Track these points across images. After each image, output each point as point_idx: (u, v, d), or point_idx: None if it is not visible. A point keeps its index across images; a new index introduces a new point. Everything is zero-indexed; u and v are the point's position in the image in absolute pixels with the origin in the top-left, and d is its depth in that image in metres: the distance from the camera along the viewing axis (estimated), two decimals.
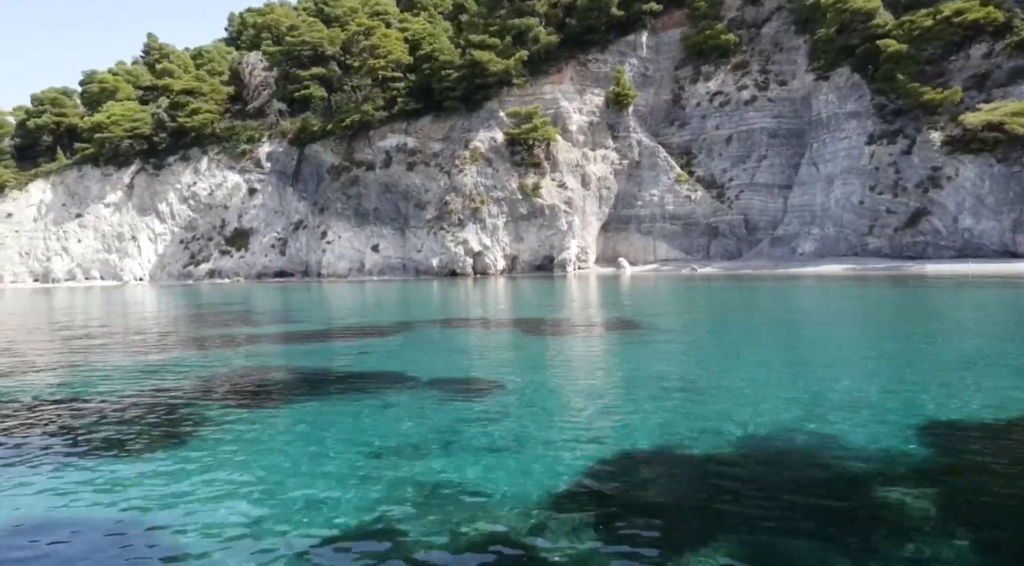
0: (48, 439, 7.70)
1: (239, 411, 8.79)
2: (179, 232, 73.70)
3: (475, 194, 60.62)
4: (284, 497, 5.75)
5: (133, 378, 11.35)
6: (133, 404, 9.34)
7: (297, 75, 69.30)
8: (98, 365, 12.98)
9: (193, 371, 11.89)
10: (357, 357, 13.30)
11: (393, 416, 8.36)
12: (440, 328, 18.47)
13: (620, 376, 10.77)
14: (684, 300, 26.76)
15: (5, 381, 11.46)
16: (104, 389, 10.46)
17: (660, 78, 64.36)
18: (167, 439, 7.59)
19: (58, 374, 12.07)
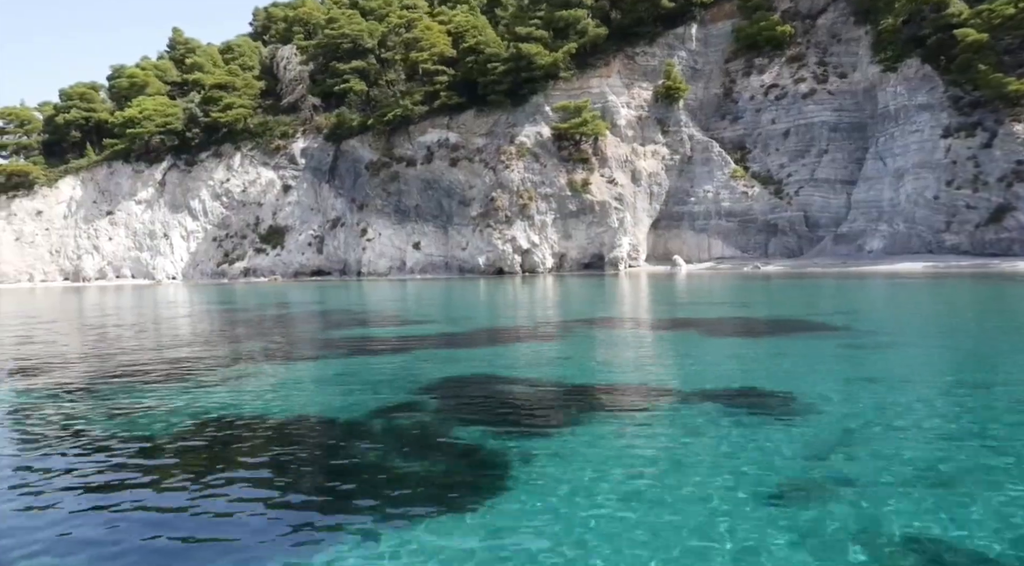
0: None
1: (545, 438, 7.19)
2: (212, 230, 72.15)
3: (522, 190, 59.00)
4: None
5: (383, 400, 9.76)
6: (423, 446, 7.76)
7: (337, 68, 67.62)
8: (294, 388, 11.41)
9: (435, 396, 10.30)
10: (591, 365, 11.68)
11: (739, 442, 6.76)
12: (610, 329, 16.84)
13: (936, 386, 9.18)
14: (813, 298, 25.14)
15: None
16: (356, 414, 8.89)
17: (709, 71, 62.71)
18: (482, 488, 5.80)
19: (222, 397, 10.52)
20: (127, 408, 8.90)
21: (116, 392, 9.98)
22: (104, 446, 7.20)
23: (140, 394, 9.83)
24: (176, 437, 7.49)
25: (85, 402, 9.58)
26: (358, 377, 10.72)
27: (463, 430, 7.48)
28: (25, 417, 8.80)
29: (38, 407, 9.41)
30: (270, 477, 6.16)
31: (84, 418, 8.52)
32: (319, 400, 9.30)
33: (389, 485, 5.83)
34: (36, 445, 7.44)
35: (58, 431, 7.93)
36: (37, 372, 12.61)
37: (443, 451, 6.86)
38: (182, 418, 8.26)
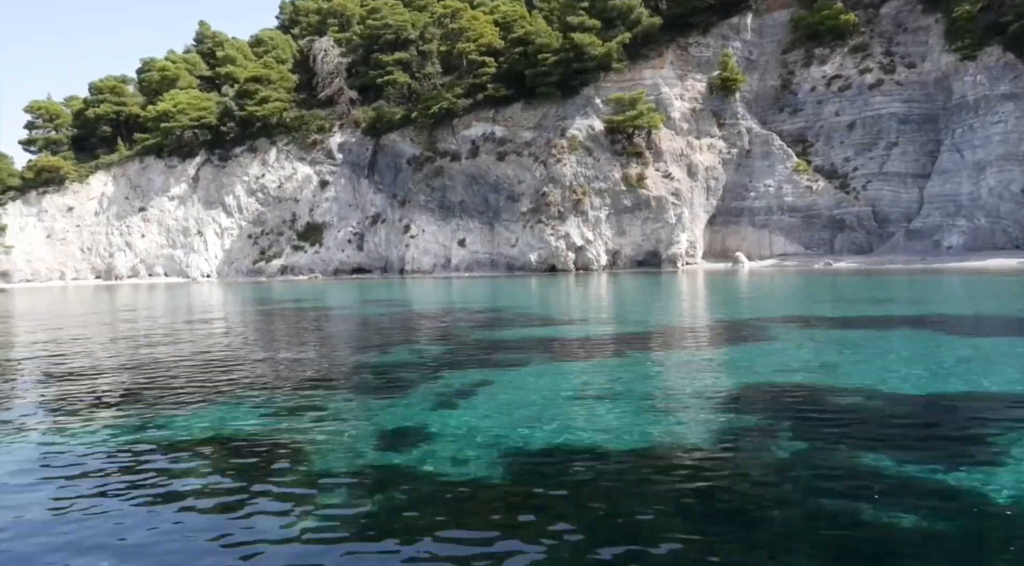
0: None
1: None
2: (247, 226, 70.34)
3: (575, 185, 57.16)
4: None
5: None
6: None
7: (380, 60, 65.77)
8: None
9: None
10: (897, 369, 9.78)
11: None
12: (811, 327, 14.91)
13: None
14: (950, 294, 23.22)
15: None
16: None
17: (765, 63, 60.80)
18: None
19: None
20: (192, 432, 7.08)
21: (170, 411, 8.16)
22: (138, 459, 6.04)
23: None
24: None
25: (119, 412, 7.85)
26: (638, 393, 8.83)
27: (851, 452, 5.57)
28: (54, 425, 7.61)
29: (68, 413, 8.17)
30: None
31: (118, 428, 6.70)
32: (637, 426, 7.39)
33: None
34: (65, 453, 6.43)
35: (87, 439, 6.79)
36: (66, 377, 10.94)
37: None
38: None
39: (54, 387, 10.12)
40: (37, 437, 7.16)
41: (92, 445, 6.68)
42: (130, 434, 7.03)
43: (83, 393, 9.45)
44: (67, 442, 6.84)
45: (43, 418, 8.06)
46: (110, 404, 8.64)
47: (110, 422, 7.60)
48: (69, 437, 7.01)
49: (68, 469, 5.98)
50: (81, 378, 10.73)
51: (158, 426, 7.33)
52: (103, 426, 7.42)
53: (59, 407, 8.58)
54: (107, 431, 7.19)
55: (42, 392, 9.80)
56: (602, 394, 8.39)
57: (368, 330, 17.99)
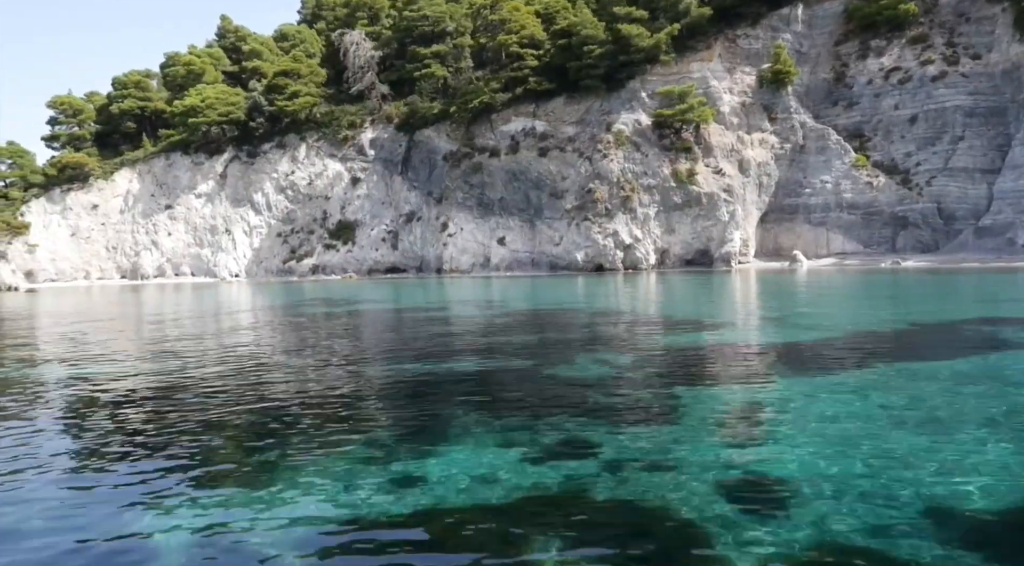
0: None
1: None
2: (276, 225, 68.38)
3: (623, 181, 55.17)
4: None
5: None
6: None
7: (417, 53, 63.78)
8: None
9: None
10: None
11: None
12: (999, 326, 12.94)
13: None
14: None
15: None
16: None
17: (816, 55, 58.83)
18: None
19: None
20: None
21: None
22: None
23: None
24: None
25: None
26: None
27: None
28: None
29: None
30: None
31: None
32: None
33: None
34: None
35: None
36: (92, 384, 9.51)
37: None
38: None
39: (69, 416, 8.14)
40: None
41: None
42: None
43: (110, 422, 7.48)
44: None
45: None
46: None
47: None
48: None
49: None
50: (101, 406, 8.76)
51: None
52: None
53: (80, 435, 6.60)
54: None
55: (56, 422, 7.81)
56: (925, 419, 6.49)
57: (536, 334, 15.98)
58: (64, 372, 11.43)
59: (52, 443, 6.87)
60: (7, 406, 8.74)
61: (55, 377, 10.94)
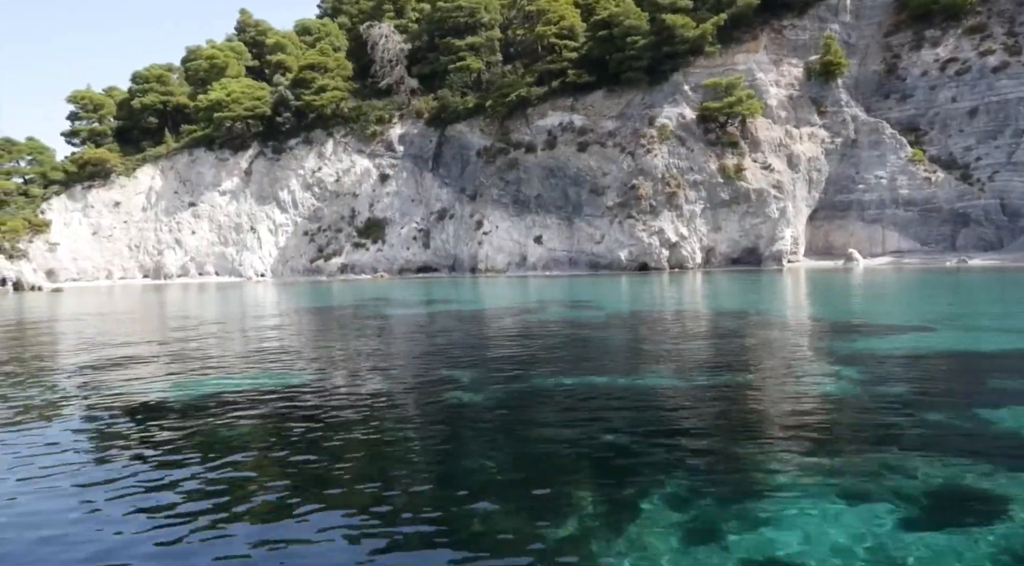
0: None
1: None
2: (302, 223, 66.51)
3: (668, 177, 53.21)
4: None
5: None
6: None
7: (452, 45, 61.80)
8: None
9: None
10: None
11: None
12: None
13: None
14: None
15: None
16: None
17: (865, 46, 56.83)
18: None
19: None
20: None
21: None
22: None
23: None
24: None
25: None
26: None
27: None
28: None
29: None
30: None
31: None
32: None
33: None
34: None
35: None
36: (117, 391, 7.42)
37: None
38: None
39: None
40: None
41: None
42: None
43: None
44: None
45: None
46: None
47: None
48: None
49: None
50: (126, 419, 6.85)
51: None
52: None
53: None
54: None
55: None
56: None
57: (710, 341, 14.03)
58: (143, 389, 9.54)
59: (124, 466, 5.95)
60: (82, 428, 6.85)
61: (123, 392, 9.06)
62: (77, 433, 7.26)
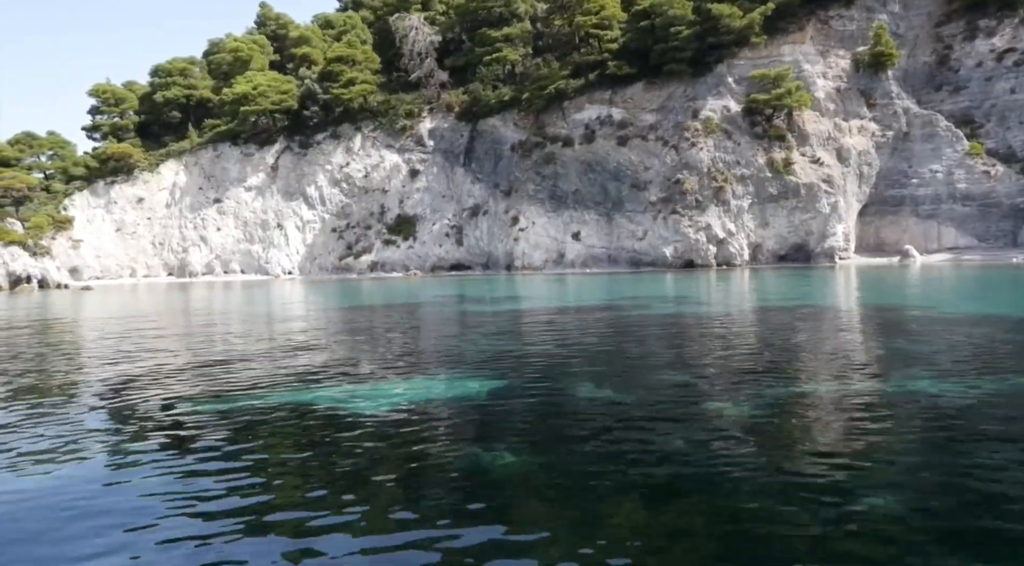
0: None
1: None
2: (330, 219, 64.88)
3: (715, 172, 51.59)
4: None
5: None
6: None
7: (487, 35, 60.13)
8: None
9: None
10: None
11: None
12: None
13: None
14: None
15: None
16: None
17: (915, 37, 55.20)
18: None
19: None
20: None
21: None
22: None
23: None
24: None
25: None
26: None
27: None
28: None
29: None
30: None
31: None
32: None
33: None
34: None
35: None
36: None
37: None
38: None
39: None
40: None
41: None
42: None
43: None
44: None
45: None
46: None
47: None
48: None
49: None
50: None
51: None
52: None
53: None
54: None
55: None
56: None
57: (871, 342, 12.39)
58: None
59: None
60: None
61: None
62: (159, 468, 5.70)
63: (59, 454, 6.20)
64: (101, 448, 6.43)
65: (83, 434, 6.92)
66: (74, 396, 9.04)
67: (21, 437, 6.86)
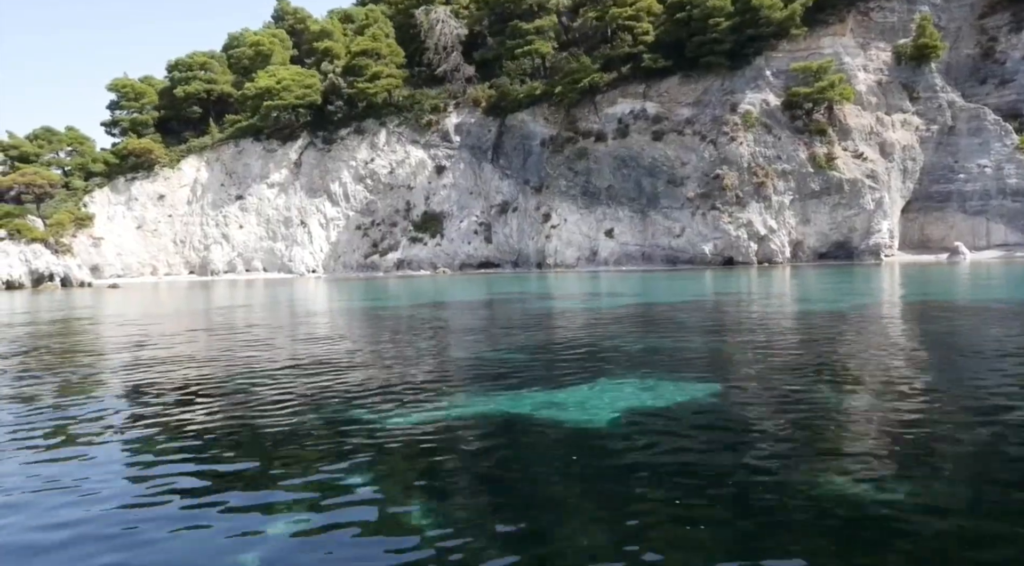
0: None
1: None
2: (355, 217, 63.63)
3: (755, 167, 50.34)
4: None
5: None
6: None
7: (519, 28, 58.84)
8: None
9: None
10: None
11: None
12: None
13: None
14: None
15: None
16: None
17: (957, 29, 53.92)
18: None
19: None
20: None
21: None
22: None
23: None
24: None
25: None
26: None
27: None
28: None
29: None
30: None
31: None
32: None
33: None
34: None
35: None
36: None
37: None
38: None
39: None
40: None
41: None
42: None
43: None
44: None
45: None
46: None
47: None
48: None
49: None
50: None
51: None
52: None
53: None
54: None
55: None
56: None
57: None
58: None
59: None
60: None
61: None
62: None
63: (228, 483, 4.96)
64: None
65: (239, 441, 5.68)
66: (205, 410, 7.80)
67: (172, 463, 5.64)
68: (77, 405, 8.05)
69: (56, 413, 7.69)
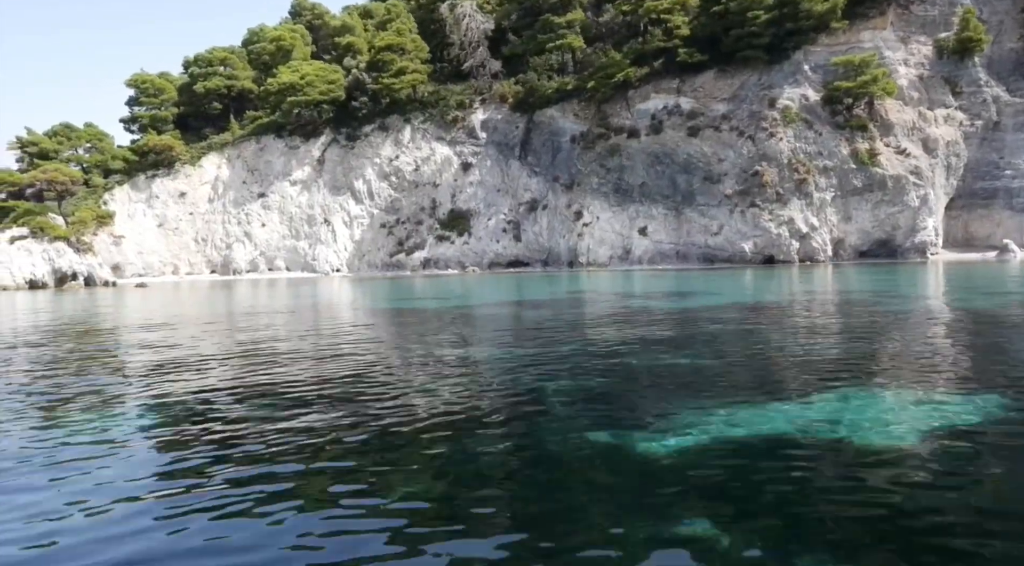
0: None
1: None
2: (379, 215, 62.46)
3: (796, 163, 49.21)
4: None
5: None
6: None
7: (550, 22, 57.70)
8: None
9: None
10: None
11: None
12: None
13: None
14: None
15: None
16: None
17: (999, 23, 52.80)
18: None
19: None
20: None
21: None
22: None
23: None
24: None
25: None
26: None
27: None
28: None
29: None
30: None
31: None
32: None
33: None
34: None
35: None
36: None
37: None
38: None
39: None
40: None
41: None
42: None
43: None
44: None
45: None
46: None
47: None
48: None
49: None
50: None
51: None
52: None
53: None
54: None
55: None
56: None
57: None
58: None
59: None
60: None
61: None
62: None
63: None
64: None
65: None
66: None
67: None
68: (164, 412, 6.89)
69: (137, 421, 6.53)
